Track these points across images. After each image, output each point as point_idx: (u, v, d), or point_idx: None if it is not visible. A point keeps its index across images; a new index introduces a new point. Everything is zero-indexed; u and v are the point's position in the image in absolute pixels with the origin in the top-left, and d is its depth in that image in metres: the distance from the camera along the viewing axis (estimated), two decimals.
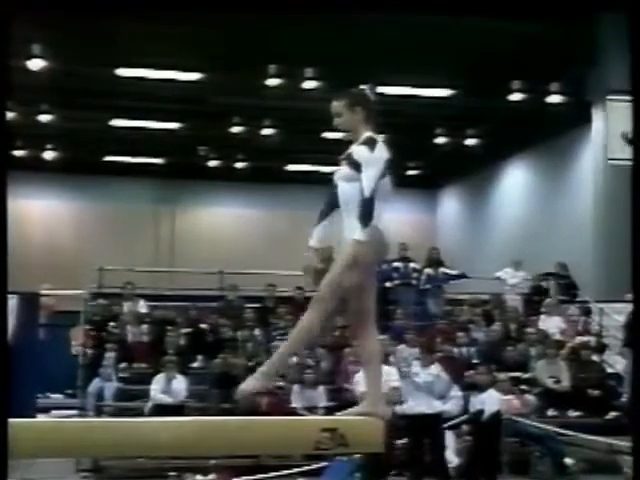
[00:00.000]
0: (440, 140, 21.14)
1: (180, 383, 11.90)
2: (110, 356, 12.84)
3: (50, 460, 7.26)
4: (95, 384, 12.64)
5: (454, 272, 15.67)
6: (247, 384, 4.27)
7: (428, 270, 15.30)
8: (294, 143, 21.36)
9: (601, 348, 13.86)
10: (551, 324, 14.28)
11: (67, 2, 13.01)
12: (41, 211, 24.02)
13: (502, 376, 11.72)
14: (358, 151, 4.32)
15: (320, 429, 3.99)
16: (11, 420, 3.25)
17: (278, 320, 13.53)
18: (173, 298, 15.18)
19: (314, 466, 10.42)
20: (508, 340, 13.77)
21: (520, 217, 21.63)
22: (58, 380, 16.14)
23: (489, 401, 11.00)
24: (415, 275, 15.25)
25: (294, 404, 11.89)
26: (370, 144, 4.32)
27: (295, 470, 10.52)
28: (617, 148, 14.92)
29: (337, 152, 4.48)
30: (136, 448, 4.15)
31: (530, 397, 12.04)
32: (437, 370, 10.67)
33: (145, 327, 13.60)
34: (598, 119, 16.30)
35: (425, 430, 10.35)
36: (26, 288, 13.58)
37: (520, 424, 11.20)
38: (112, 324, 13.59)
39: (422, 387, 10.42)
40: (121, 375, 12.83)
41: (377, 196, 4.21)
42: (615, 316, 13.83)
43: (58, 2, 12.95)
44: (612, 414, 12.20)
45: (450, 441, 10.93)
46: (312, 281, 4.42)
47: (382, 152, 4.33)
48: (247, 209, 24.98)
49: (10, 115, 16.55)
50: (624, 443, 9.72)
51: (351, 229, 4.23)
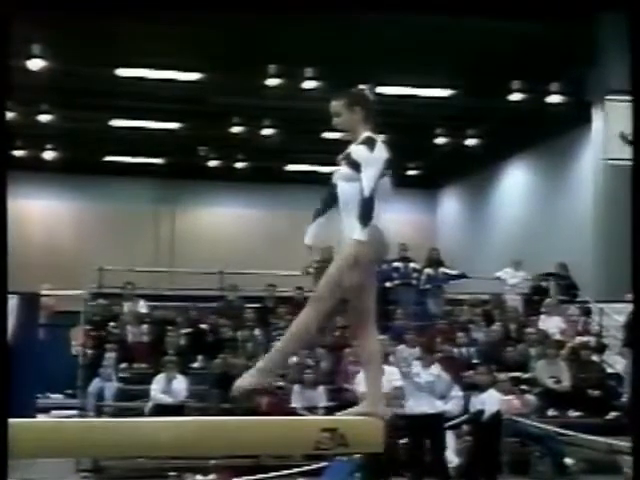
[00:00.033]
0: (440, 140, 21.14)
1: (180, 383, 11.90)
2: (110, 356, 12.84)
3: (50, 460, 7.26)
4: (95, 384, 12.65)
5: (454, 272, 15.67)
6: (243, 380, 4.27)
7: (428, 270, 15.30)
8: (294, 143, 21.36)
9: (601, 348, 13.87)
10: (551, 324, 14.28)
11: (67, 2, 13.01)
12: (41, 211, 24.01)
13: (502, 376, 11.72)
14: (357, 151, 4.32)
15: (320, 429, 3.99)
16: (11, 420, 3.24)
17: (278, 320, 13.52)
18: (173, 298, 15.19)
19: (314, 466, 10.42)
20: (508, 340, 13.77)
21: (520, 217, 21.62)
22: (58, 380, 16.15)
23: (489, 401, 11.00)
24: (415, 275, 15.25)
25: (294, 404, 11.89)
26: (369, 144, 4.31)
27: (295, 470, 10.53)
28: (616, 148, 14.91)
29: (337, 152, 4.47)
30: (136, 448, 4.15)
31: (530, 397, 12.04)
32: (438, 370, 10.68)
33: (145, 327, 13.61)
34: (598, 119, 16.30)
35: (426, 430, 10.35)
36: (26, 288, 13.59)
37: (520, 424, 11.20)
38: (112, 324, 13.60)
39: (423, 387, 10.42)
40: (121, 375, 12.84)
41: (377, 196, 4.21)
42: (615, 316, 13.83)
43: (58, 2, 12.95)
44: (612, 414, 12.20)
45: (450, 441, 10.94)
46: (313, 280, 4.43)
47: (381, 152, 4.33)
48: (247, 209, 24.97)
49: (10, 115, 16.54)
50: (624, 443, 9.72)
51: (351, 229, 4.22)
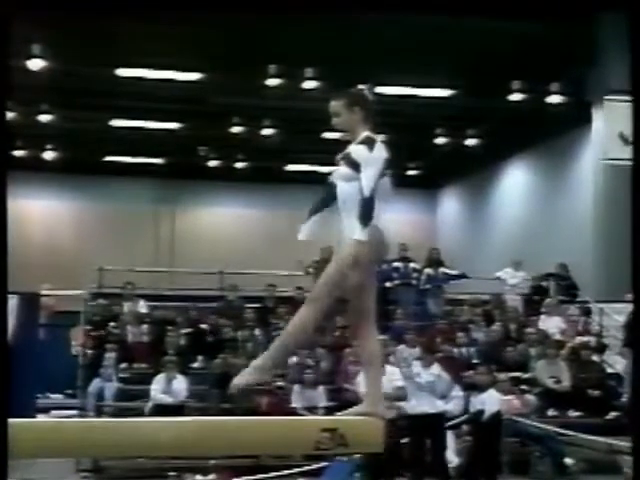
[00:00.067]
0: (440, 140, 21.14)
1: (180, 383, 11.90)
2: (110, 356, 12.84)
3: (50, 460, 7.25)
4: (95, 384, 12.64)
5: (454, 272, 15.67)
6: (240, 378, 4.27)
7: (428, 270, 15.30)
8: (294, 143, 21.35)
9: (601, 348, 13.86)
10: (551, 324, 14.28)
11: (67, 2, 13.01)
12: (41, 211, 24.01)
13: (502, 376, 11.72)
14: (357, 151, 4.31)
15: (320, 429, 3.99)
16: (11, 420, 3.24)
17: (278, 320, 13.50)
18: (173, 298, 15.19)
19: (314, 466, 10.43)
20: (508, 340, 13.77)
21: (520, 217, 21.62)
22: (58, 380, 16.15)
23: (489, 401, 11.00)
24: (415, 275, 15.25)
25: (294, 404, 11.89)
26: (369, 144, 4.31)
27: (295, 470, 10.53)
28: (615, 148, 14.90)
29: (337, 152, 4.46)
30: (136, 448, 4.14)
31: (530, 397, 12.04)
32: (438, 370, 10.69)
33: (145, 327, 13.61)
34: (598, 119, 16.29)
35: (427, 430, 10.36)
36: (26, 288, 13.59)
37: (520, 424, 11.20)
38: (112, 324, 13.60)
39: (424, 387, 10.43)
40: (121, 375, 12.83)
41: (376, 196, 4.21)
42: (615, 316, 13.83)
43: (58, 2, 12.95)
44: (612, 414, 12.20)
45: (450, 441, 10.93)
46: (313, 280, 4.42)
47: (381, 152, 4.32)
48: (247, 209, 24.96)
49: (10, 115, 16.55)
50: (624, 443, 9.72)
51: (351, 229, 4.21)
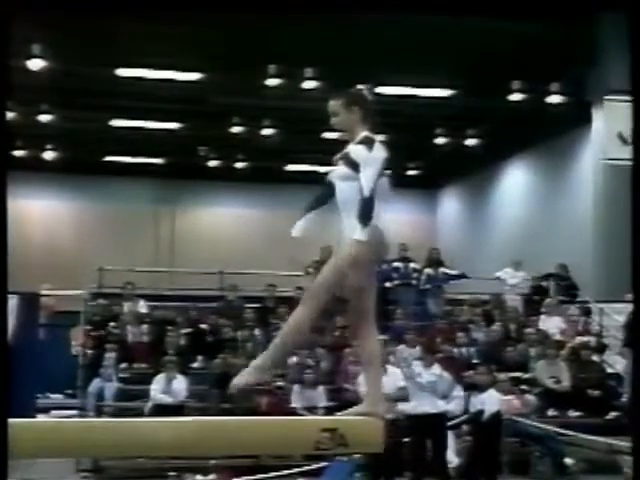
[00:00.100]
0: (440, 140, 21.13)
1: (180, 383, 11.90)
2: (110, 356, 12.84)
3: (50, 460, 7.25)
4: (95, 384, 12.65)
5: (454, 272, 15.66)
6: (240, 378, 4.27)
7: (428, 270, 15.30)
8: (294, 143, 21.35)
9: (601, 348, 13.86)
10: (551, 324, 14.28)
11: (67, 2, 13.00)
12: (41, 211, 24.00)
13: (502, 376, 11.73)
14: (356, 150, 4.31)
15: (320, 429, 3.99)
16: (11, 420, 3.23)
17: (278, 320, 13.48)
18: (173, 298, 15.19)
19: (314, 466, 10.43)
20: (508, 340, 13.77)
21: (520, 217, 21.62)
22: (58, 380, 16.15)
23: (489, 401, 11.00)
24: (415, 275, 15.25)
25: (294, 404, 11.89)
26: (368, 143, 4.30)
27: (295, 470, 10.53)
28: (615, 148, 14.90)
29: (337, 152, 4.46)
30: (136, 448, 4.14)
31: (530, 397, 12.04)
32: (439, 370, 10.69)
33: (145, 327, 13.61)
34: (598, 119, 16.28)
35: (428, 430, 10.36)
36: (26, 288, 13.59)
37: (520, 424, 11.20)
38: (112, 324, 13.60)
39: (425, 387, 10.43)
40: (121, 375, 12.83)
41: (376, 196, 4.20)
42: (615, 316, 13.82)
43: (58, 2, 12.94)
44: (612, 414, 12.20)
45: (450, 441, 10.93)
46: (313, 280, 4.41)
47: (380, 151, 4.32)
48: (247, 209, 24.95)
49: (10, 115, 16.54)
50: (624, 443, 9.72)
51: (350, 229, 4.21)
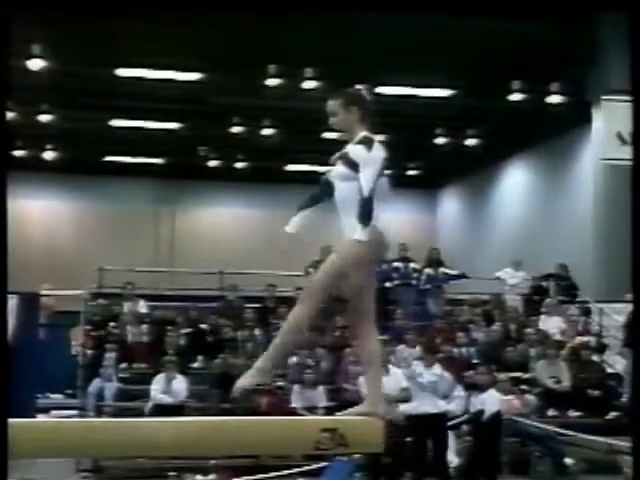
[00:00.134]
0: (440, 140, 21.14)
1: (180, 383, 11.90)
2: (110, 356, 12.84)
3: (50, 460, 7.25)
4: (95, 384, 12.64)
5: (454, 272, 15.66)
6: (243, 381, 4.27)
7: (428, 270, 15.30)
8: (294, 143, 21.35)
9: (601, 348, 13.86)
10: (551, 324, 14.28)
11: (67, 2, 13.00)
12: (41, 211, 24.01)
13: (502, 376, 11.73)
14: (355, 150, 4.30)
15: (320, 429, 3.98)
16: (11, 420, 3.23)
17: (278, 320, 13.47)
18: (173, 298, 15.19)
19: (314, 466, 10.42)
20: (508, 340, 13.77)
21: (520, 217, 21.62)
22: (58, 380, 16.16)
23: (489, 401, 11.00)
24: (415, 275, 15.25)
25: (294, 404, 11.89)
26: (367, 143, 4.30)
27: (295, 470, 10.53)
28: (614, 148, 14.89)
29: (337, 152, 4.46)
30: (136, 448, 4.14)
31: (530, 397, 12.04)
32: (440, 370, 10.68)
33: (145, 327, 13.60)
34: (598, 119, 16.28)
35: (429, 430, 10.36)
36: (26, 288, 13.59)
37: (520, 424, 11.20)
38: (112, 324, 13.60)
39: (426, 387, 10.43)
40: (121, 375, 12.83)
41: (375, 196, 4.20)
42: (615, 316, 13.82)
43: (58, 2, 12.94)
44: (612, 414, 12.20)
45: (450, 441, 10.93)
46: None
47: (379, 151, 4.32)
48: (247, 209, 24.95)
49: (10, 115, 16.54)
50: (624, 443, 9.71)
51: (350, 229, 4.21)
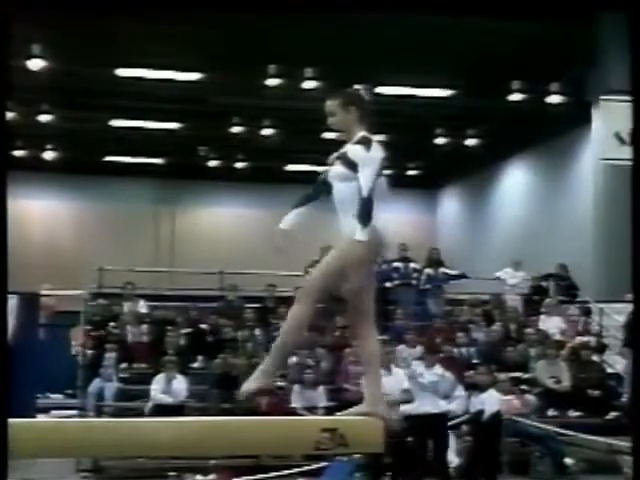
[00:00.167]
0: (440, 140, 21.14)
1: (180, 383, 11.90)
2: (110, 356, 12.83)
3: (50, 460, 7.25)
4: (95, 384, 12.64)
5: (454, 272, 15.65)
6: (249, 385, 4.29)
7: (428, 270, 15.30)
8: (294, 143, 21.35)
9: (601, 348, 13.86)
10: (551, 324, 14.28)
11: (67, 2, 13.00)
12: (41, 211, 24.00)
13: (502, 376, 11.72)
14: (354, 150, 4.31)
15: (320, 429, 3.99)
16: (11, 420, 3.23)
17: (278, 320, 13.47)
18: (173, 298, 15.19)
19: (314, 466, 10.42)
20: (508, 340, 13.76)
21: (520, 217, 21.62)
22: (58, 380, 16.15)
23: (489, 401, 11.00)
24: (415, 275, 15.25)
25: (294, 404, 11.88)
26: (365, 143, 4.31)
27: (295, 470, 10.52)
28: (613, 148, 14.89)
29: (335, 152, 4.46)
30: (136, 448, 4.15)
31: (530, 397, 12.04)
32: (441, 370, 10.68)
33: (145, 327, 13.60)
34: (598, 119, 16.28)
35: (430, 430, 10.35)
36: (26, 288, 13.59)
37: (520, 424, 11.19)
38: (112, 324, 13.60)
39: (427, 387, 10.43)
40: (121, 375, 12.83)
41: (374, 196, 4.21)
42: (615, 316, 13.82)
43: (58, 2, 12.95)
44: (612, 414, 12.19)
45: (450, 441, 10.93)
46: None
47: (378, 151, 4.32)
48: (247, 209, 24.94)
49: (10, 115, 16.54)
50: (624, 443, 9.71)
51: (348, 228, 4.22)
